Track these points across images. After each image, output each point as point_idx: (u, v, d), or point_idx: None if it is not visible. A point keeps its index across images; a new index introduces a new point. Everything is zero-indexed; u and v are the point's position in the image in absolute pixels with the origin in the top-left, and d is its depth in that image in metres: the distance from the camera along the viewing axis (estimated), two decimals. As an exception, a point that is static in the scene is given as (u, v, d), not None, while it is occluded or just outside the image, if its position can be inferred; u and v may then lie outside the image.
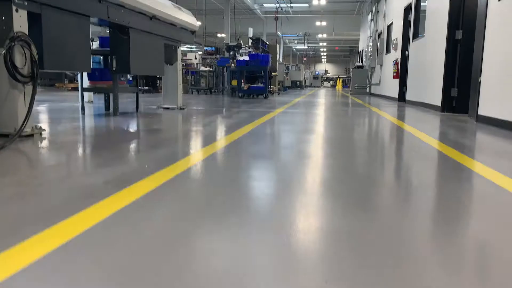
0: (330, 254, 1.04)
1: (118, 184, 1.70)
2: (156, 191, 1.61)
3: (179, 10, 5.95)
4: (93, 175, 1.86)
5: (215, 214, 1.34)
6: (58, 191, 1.58)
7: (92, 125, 3.88)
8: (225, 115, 5.27)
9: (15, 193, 1.55)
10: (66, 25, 3.53)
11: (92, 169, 2.00)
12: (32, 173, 1.88)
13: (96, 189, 1.63)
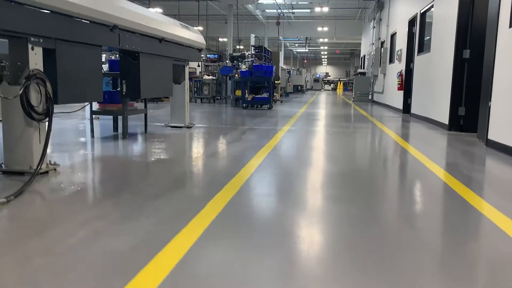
0: None
1: (149, 246, 1.70)
2: (187, 257, 1.61)
3: (187, 29, 5.95)
4: (118, 237, 1.85)
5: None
6: (88, 266, 1.58)
7: (106, 155, 3.87)
8: (233, 138, 5.27)
9: (43, 266, 1.55)
10: (79, 58, 3.53)
11: (116, 226, 2.00)
12: (56, 234, 1.88)
13: (125, 260, 1.62)
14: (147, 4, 19.69)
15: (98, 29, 3.74)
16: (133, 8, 4.38)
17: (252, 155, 3.99)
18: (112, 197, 2.50)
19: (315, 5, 20.29)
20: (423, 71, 8.28)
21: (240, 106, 11.29)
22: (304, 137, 5.43)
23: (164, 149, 4.29)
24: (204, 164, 3.56)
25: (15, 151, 3.03)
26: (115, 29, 4.00)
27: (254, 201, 2.47)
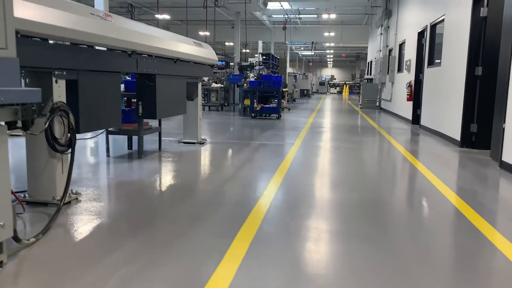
0: None
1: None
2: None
3: (200, 46, 6.00)
4: (152, 285, 1.89)
5: None
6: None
7: (124, 181, 3.92)
8: (246, 158, 5.30)
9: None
10: (99, 86, 3.58)
11: (147, 272, 2.04)
12: (88, 282, 1.92)
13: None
14: (155, 11, 19.78)
15: (117, 56, 3.80)
16: (150, 32, 4.43)
17: (267, 180, 4.02)
18: (137, 234, 2.54)
19: (322, 11, 20.30)
20: (433, 84, 8.28)
21: (249, 115, 11.33)
22: (316, 156, 5.45)
23: (180, 172, 4.33)
24: (220, 192, 3.59)
25: (39, 182, 3.08)
26: (133, 54, 4.05)
27: (272, 251, 2.50)
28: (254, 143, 6.45)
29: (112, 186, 3.69)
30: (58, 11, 2.91)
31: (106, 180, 3.90)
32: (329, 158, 5.29)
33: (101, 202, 3.22)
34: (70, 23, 2.99)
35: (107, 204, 3.16)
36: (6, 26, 2.01)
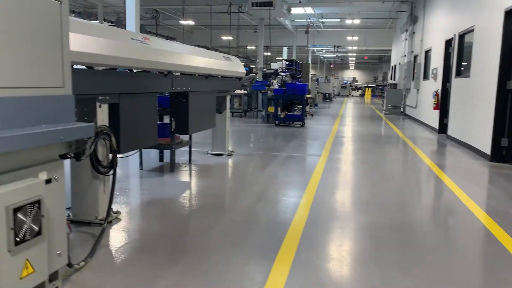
0: None
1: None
2: None
3: (229, 60, 6.10)
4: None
5: None
6: None
7: (160, 197, 4.04)
8: (274, 172, 5.37)
9: None
10: (138, 107, 3.71)
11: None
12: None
13: None
14: (179, 16, 20.05)
15: (155, 77, 3.92)
16: (184, 50, 4.55)
17: (298, 198, 4.08)
18: (179, 257, 2.64)
19: (345, 15, 20.23)
20: (461, 94, 8.18)
21: (272, 122, 11.39)
22: (344, 171, 5.48)
23: (212, 188, 4.43)
24: (254, 212, 3.67)
25: (82, 202, 3.22)
26: (169, 74, 4.17)
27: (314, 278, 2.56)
28: (281, 155, 6.51)
29: (149, 204, 3.81)
30: (103, 39, 3.04)
31: (143, 197, 4.03)
32: (357, 173, 5.31)
33: (140, 221, 3.34)
34: (113, 51, 3.12)
35: (146, 224, 3.27)
36: (64, 66, 2.14)
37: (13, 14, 1.80)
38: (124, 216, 3.46)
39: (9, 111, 1.78)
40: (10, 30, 1.79)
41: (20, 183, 1.77)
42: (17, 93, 1.83)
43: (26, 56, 1.88)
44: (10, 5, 1.79)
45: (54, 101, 2.06)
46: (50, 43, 2.03)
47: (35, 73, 1.94)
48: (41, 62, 1.97)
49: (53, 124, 2.03)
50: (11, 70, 1.81)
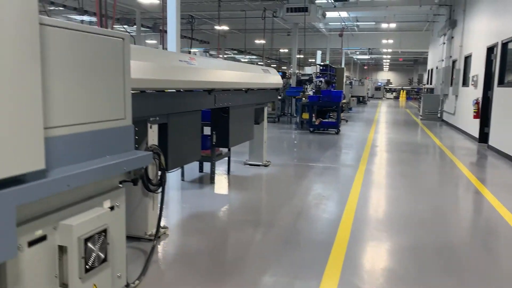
0: None
1: None
2: None
3: (267, 72, 6.18)
4: None
5: None
6: None
7: (202, 209, 4.17)
8: (311, 183, 5.41)
9: None
10: (185, 125, 3.85)
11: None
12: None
13: None
14: (214, 22, 20.34)
15: (199, 96, 4.05)
16: (227, 67, 4.67)
17: (338, 214, 4.11)
18: (226, 278, 2.74)
19: (380, 18, 19.95)
20: (505, 105, 7.95)
21: (306, 129, 11.40)
22: (383, 185, 5.46)
23: (252, 202, 4.52)
24: (295, 229, 3.73)
25: (132, 219, 3.38)
26: (212, 91, 4.30)
27: (360, 293, 2.60)
28: (318, 166, 6.54)
29: (193, 217, 3.94)
30: (155, 63, 3.19)
31: (187, 210, 4.17)
32: (396, 186, 5.28)
33: (187, 236, 3.47)
34: (164, 74, 3.26)
35: (192, 240, 3.40)
36: (125, 98, 2.28)
37: (84, 55, 1.95)
38: (171, 230, 3.60)
39: (80, 145, 1.93)
40: (81, 70, 1.93)
41: (90, 214, 1.91)
42: (86, 129, 1.98)
43: (95, 93, 2.03)
44: (82, 47, 1.93)
45: (117, 132, 2.20)
46: (114, 78, 2.17)
47: (101, 108, 2.08)
48: (106, 97, 2.11)
49: (116, 154, 2.17)
50: (83, 107, 1.95)
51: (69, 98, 1.86)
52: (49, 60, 1.74)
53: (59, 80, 1.81)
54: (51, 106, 1.76)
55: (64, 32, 1.82)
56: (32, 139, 1.56)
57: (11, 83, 1.47)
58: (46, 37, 1.72)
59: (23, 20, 1.51)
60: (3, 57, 1.44)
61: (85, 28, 1.95)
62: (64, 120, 1.84)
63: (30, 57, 1.55)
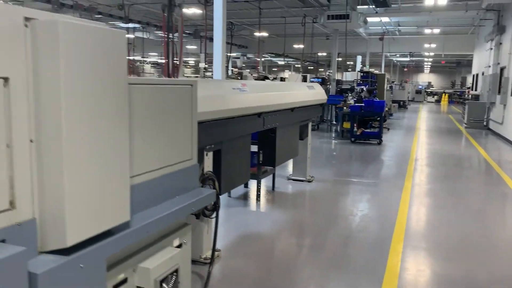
0: None
1: None
2: None
3: (312, 89, 6.23)
4: None
5: None
6: None
7: (250, 230, 4.28)
8: (357, 203, 5.42)
9: None
10: (236, 149, 3.98)
11: None
12: None
13: None
14: (254, 28, 20.52)
15: (250, 120, 4.17)
16: (275, 88, 4.76)
17: (386, 240, 4.11)
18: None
19: (423, 23, 19.48)
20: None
21: (347, 138, 11.31)
22: (430, 204, 5.39)
23: (298, 222, 4.59)
24: (345, 255, 3.77)
25: (188, 241, 3.53)
26: (261, 114, 4.40)
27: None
28: (363, 182, 6.52)
29: (243, 239, 4.06)
30: (211, 95, 3.32)
31: (236, 231, 4.29)
32: (445, 206, 5.20)
33: (238, 259, 3.59)
34: (220, 104, 3.39)
35: (244, 263, 3.51)
36: (193, 140, 2.41)
37: (159, 105, 2.09)
38: (223, 252, 3.73)
39: (153, 190, 2.07)
40: (157, 118, 2.07)
41: (163, 256, 2.05)
42: (159, 173, 2.12)
43: (167, 138, 2.17)
44: (158, 98, 2.07)
45: (185, 173, 2.33)
46: (184, 122, 2.31)
47: (173, 152, 2.22)
48: (177, 141, 2.25)
49: (184, 194, 2.31)
50: (156, 154, 2.09)
51: (146, 146, 2.01)
52: (132, 113, 1.89)
53: (139, 130, 1.95)
54: (132, 157, 1.91)
55: (145, 88, 1.97)
56: (121, 193, 1.71)
57: (106, 139, 1.61)
58: (131, 94, 1.86)
59: (117, 83, 1.65)
60: (102, 115, 1.58)
61: (161, 82, 2.09)
62: (142, 169, 1.99)
63: (122, 113, 1.69)
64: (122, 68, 1.68)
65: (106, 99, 1.61)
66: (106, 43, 1.58)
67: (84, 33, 1.48)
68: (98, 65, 1.56)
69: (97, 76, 1.55)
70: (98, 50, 1.55)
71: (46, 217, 1.47)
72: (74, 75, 1.45)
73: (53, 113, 1.43)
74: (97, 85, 1.56)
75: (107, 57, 1.59)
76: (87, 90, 1.51)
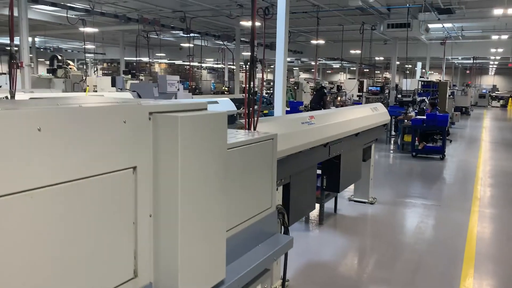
0: None
1: None
2: None
3: (376, 110, 6.22)
4: None
5: None
6: None
7: (319, 259, 4.39)
8: (422, 231, 5.35)
9: None
10: (303, 181, 4.10)
11: None
12: None
13: None
14: (311, 34, 20.53)
15: (317, 151, 4.28)
16: (340, 117, 4.84)
17: (457, 280, 4.06)
18: None
19: (489, 27, 18.53)
20: None
21: (407, 151, 11.04)
22: (502, 239, 5.22)
23: (364, 251, 4.63)
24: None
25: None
26: (327, 144, 4.50)
27: None
28: (426, 204, 6.41)
29: (310, 268, 4.17)
30: (283, 133, 3.47)
31: (301, 258, 4.41)
32: (516, 239, 5.02)
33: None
34: (293, 141, 3.54)
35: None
36: (273, 189, 2.57)
37: (246, 161, 2.26)
38: (291, 282, 3.87)
39: (239, 242, 2.24)
40: (244, 173, 2.24)
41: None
42: (245, 225, 2.29)
43: (252, 191, 2.34)
44: (246, 156, 2.25)
45: (266, 221, 2.50)
46: (266, 173, 2.48)
47: (256, 203, 2.39)
48: (260, 192, 2.42)
49: (264, 242, 2.47)
50: (243, 207, 2.27)
51: (235, 202, 2.19)
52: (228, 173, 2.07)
53: (232, 188, 2.14)
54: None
55: (237, 150, 2.15)
56: (220, 252, 1.90)
57: (210, 204, 1.81)
58: (228, 157, 2.05)
59: (220, 153, 1.84)
60: (208, 183, 1.77)
61: (248, 141, 2.27)
62: (231, 224, 2.17)
63: (222, 177, 1.87)
64: (223, 140, 1.88)
65: (211, 169, 1.80)
66: (211, 124, 1.77)
67: (196, 121, 1.68)
68: (205, 142, 1.75)
69: (205, 151, 1.75)
70: (206, 131, 1.75)
71: (160, 281, 1.68)
72: (188, 156, 1.65)
73: (171, 191, 1.63)
74: (204, 159, 1.75)
75: (212, 135, 1.78)
76: (197, 167, 1.71)
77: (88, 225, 1.38)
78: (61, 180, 1.27)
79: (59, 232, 1.28)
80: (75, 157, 1.31)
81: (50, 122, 1.23)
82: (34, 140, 1.19)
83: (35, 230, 1.21)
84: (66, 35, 21.96)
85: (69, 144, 1.29)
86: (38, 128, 1.20)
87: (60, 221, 1.28)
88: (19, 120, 1.17)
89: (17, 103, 1.58)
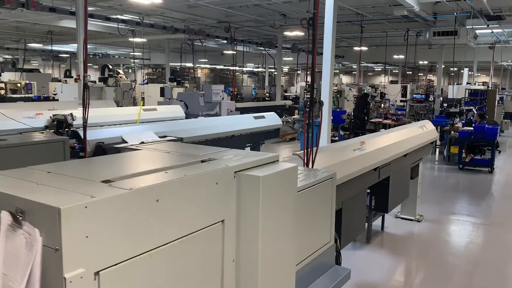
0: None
1: None
2: None
3: (423, 128, 6.24)
4: None
5: None
6: None
7: (370, 279, 4.50)
8: (473, 255, 5.33)
9: None
10: (355, 205, 4.24)
11: None
12: None
13: None
14: (358, 43, 20.41)
15: (367, 176, 4.40)
16: (390, 139, 4.93)
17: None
18: None
19: (544, 31, 17.77)
20: None
21: (454, 163, 10.82)
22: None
23: (411, 272, 4.69)
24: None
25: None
26: (377, 168, 4.61)
27: None
28: (475, 223, 6.34)
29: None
30: (337, 163, 3.63)
31: (351, 279, 4.53)
32: None
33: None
34: (346, 169, 3.69)
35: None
36: (331, 223, 2.75)
37: (312, 200, 2.45)
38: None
39: (302, 278, 2.44)
40: (308, 211, 2.43)
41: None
42: (308, 261, 2.48)
43: (315, 227, 2.53)
44: (312, 195, 2.44)
45: (325, 255, 2.68)
46: (326, 209, 2.65)
47: (317, 239, 2.58)
48: (321, 229, 2.61)
49: (324, 274, 2.65)
50: (307, 244, 2.46)
51: (301, 239, 2.38)
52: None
53: (298, 227, 2.33)
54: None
55: (303, 192, 2.35)
56: (290, 286, 2.10)
57: (283, 245, 2.02)
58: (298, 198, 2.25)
59: (291, 199, 2.05)
60: (281, 226, 1.99)
61: (312, 183, 2.46)
62: (297, 259, 2.37)
63: (293, 218, 2.08)
64: (294, 189, 2.08)
65: (285, 214, 2.02)
66: (285, 177, 1.98)
67: (274, 178, 1.89)
68: (281, 193, 1.97)
69: (280, 201, 1.96)
70: (281, 184, 1.96)
71: (241, 317, 1.90)
72: (267, 207, 1.87)
73: (252, 238, 1.85)
74: (280, 207, 1.97)
75: (285, 186, 2.00)
76: (274, 214, 1.93)
77: (191, 273, 1.63)
78: (172, 239, 1.52)
79: (171, 282, 1.53)
80: (182, 218, 1.56)
81: (165, 194, 1.47)
82: (153, 210, 1.44)
83: (155, 283, 1.46)
84: (114, 43, 22.96)
85: (178, 208, 1.54)
86: (156, 199, 1.44)
87: (171, 273, 1.53)
88: (142, 195, 1.42)
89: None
